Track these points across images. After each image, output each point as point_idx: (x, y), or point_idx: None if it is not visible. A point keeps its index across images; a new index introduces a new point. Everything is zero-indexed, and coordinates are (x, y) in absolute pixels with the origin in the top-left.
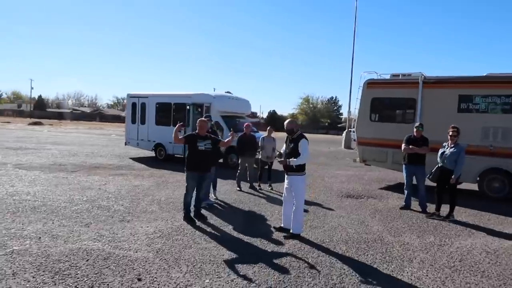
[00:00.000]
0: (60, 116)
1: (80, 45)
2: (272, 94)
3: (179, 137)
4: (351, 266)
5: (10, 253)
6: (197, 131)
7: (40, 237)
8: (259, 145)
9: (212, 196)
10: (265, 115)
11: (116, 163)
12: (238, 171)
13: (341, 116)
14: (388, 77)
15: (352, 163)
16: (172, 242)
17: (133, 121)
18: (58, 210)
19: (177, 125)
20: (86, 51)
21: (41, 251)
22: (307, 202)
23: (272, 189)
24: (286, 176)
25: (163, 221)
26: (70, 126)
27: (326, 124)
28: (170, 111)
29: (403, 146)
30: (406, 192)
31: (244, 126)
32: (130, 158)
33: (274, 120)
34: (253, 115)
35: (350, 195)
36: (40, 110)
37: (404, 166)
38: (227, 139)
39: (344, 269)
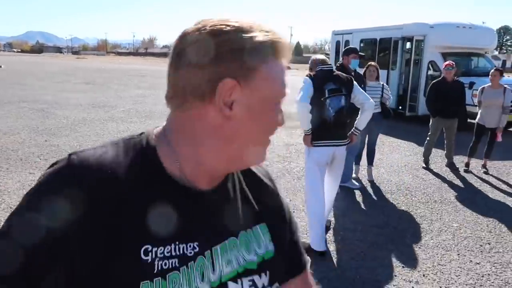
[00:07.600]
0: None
1: None
2: None
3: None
4: None
5: None
6: None
7: None
8: (477, 99)
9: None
10: None
11: None
12: (428, 138)
13: None
14: None
15: None
16: None
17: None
18: None
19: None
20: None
21: None
22: None
23: (487, 172)
24: None
25: None
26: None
27: None
28: (375, 50)
29: None
30: None
31: (443, 66)
32: None
33: None
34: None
35: None
36: (297, 56)
37: None
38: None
39: None
